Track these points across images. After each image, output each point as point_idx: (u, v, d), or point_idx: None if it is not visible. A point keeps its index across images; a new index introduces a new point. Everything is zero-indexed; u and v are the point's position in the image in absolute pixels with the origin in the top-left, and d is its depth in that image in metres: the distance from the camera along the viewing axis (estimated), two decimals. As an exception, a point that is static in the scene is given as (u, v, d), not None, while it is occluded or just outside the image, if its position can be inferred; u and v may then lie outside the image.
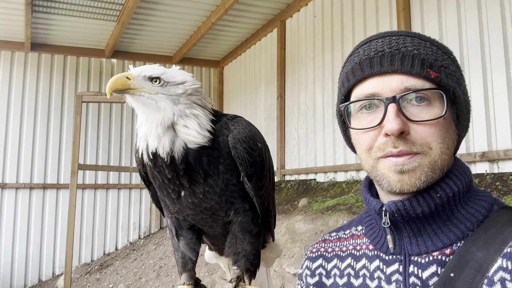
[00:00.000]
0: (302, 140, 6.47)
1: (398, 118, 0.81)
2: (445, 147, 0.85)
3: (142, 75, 1.26)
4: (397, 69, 0.84)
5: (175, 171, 1.25)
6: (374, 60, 0.86)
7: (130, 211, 8.33)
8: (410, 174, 0.83)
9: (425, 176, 0.83)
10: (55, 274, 7.60)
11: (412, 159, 0.82)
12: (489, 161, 3.88)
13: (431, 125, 0.83)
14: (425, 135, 0.82)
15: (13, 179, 7.58)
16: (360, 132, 0.89)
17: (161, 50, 8.60)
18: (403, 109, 0.82)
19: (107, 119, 8.36)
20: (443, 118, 0.83)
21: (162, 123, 1.24)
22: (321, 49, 6.19)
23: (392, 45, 0.87)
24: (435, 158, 0.83)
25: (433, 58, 0.86)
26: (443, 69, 0.86)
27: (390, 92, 0.84)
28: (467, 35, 4.13)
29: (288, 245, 4.37)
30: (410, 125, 0.82)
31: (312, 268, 1.05)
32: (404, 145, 0.82)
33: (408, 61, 0.84)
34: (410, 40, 0.88)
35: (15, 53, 7.88)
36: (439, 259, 0.84)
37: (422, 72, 0.83)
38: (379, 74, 0.85)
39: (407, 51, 0.85)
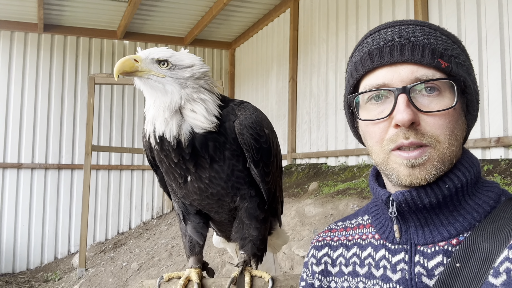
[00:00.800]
0: (314, 123, 6.42)
1: (409, 108, 0.80)
2: (453, 139, 0.83)
3: (150, 58, 1.25)
4: (407, 59, 0.82)
5: (181, 155, 1.25)
6: (383, 49, 0.84)
7: (143, 192, 8.45)
8: (421, 168, 0.82)
9: (435, 170, 0.83)
10: (71, 252, 7.82)
11: (422, 153, 0.82)
12: (504, 146, 3.80)
13: (440, 116, 0.81)
14: (435, 127, 0.81)
15: (28, 159, 7.74)
16: (370, 124, 0.87)
17: (173, 31, 8.55)
18: (413, 100, 0.81)
19: (120, 101, 8.41)
20: (453, 109, 0.82)
21: (170, 107, 1.23)
22: (334, 30, 6.07)
23: (402, 35, 0.85)
24: (444, 151, 0.82)
25: (443, 48, 0.84)
26: (454, 58, 0.84)
27: (400, 82, 0.82)
28: (486, 16, 4.00)
29: (297, 228, 4.39)
30: (420, 116, 0.81)
31: (318, 257, 1.06)
32: (414, 136, 0.81)
33: (418, 50, 0.82)
34: (420, 30, 0.86)
35: (29, 34, 7.92)
36: (445, 249, 0.84)
37: (433, 62, 0.81)
38: (389, 64, 0.84)
39: (417, 40, 0.83)
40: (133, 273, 5.52)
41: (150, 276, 5.10)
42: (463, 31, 4.20)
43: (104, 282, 5.54)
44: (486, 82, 3.93)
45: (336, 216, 4.30)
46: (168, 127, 1.23)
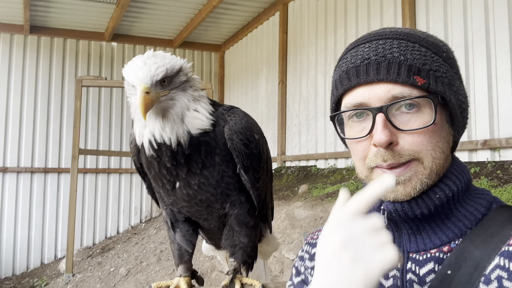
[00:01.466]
0: (303, 126, 6.43)
1: (386, 129, 0.80)
2: (438, 152, 0.83)
3: (154, 83, 1.20)
4: (383, 77, 0.81)
5: (175, 159, 1.24)
6: (360, 68, 0.84)
7: (132, 195, 8.37)
8: (406, 184, 0.82)
9: (420, 184, 0.82)
10: (57, 257, 7.69)
11: (407, 169, 0.82)
12: (490, 149, 3.85)
13: (419, 134, 0.81)
14: (414, 144, 0.81)
15: (14, 163, 7.60)
16: (352, 142, 0.88)
17: (162, 33, 8.49)
18: (392, 118, 0.81)
19: (108, 104, 8.32)
20: (433, 125, 0.81)
21: (177, 115, 1.22)
22: (323, 34, 6.10)
23: (378, 52, 0.84)
24: (428, 165, 0.82)
25: (421, 63, 0.83)
26: (432, 72, 0.83)
27: (378, 101, 0.82)
28: (472, 20, 4.05)
29: (287, 231, 4.39)
30: (399, 134, 0.81)
31: (311, 253, 1.05)
32: (392, 158, 0.81)
33: (394, 68, 0.81)
34: (397, 44, 0.84)
35: (14, 36, 7.80)
36: (436, 256, 0.84)
37: (409, 80, 0.80)
38: (365, 83, 0.83)
39: (393, 57, 0.82)
40: (121, 278, 5.45)
41: (139, 281, 5.04)
42: (450, 35, 4.25)
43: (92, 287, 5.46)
44: (473, 85, 3.98)
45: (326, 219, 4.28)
46: (174, 133, 1.22)
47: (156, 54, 1.26)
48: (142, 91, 1.16)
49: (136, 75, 1.18)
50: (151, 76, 1.18)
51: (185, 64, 1.28)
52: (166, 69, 1.20)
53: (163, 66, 1.20)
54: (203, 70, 9.28)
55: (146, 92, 1.16)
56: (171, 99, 1.22)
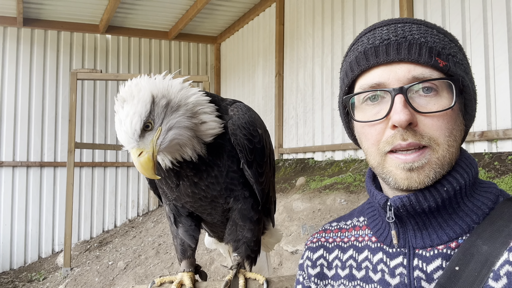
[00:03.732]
0: (300, 118, 6.42)
1: (406, 109, 0.77)
2: (453, 140, 0.82)
3: (138, 139, 1.09)
4: (404, 57, 0.80)
5: (196, 168, 1.22)
6: (379, 48, 0.82)
7: (128, 189, 8.35)
8: (419, 172, 0.80)
9: (434, 173, 0.81)
10: (55, 251, 7.68)
11: (421, 155, 0.79)
12: (488, 140, 3.86)
13: (439, 117, 0.79)
14: (433, 128, 0.79)
15: (9, 157, 7.54)
16: (366, 125, 0.85)
17: (157, 25, 8.41)
18: (410, 100, 0.79)
19: (103, 97, 8.26)
20: (451, 110, 0.80)
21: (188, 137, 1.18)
22: (320, 25, 6.06)
23: (398, 33, 0.82)
24: (443, 153, 0.80)
25: (441, 46, 0.82)
26: (451, 57, 0.82)
27: (397, 82, 0.80)
28: (470, 11, 4.04)
29: (285, 223, 4.40)
30: (417, 117, 0.79)
31: (313, 259, 1.04)
32: (413, 137, 0.78)
33: (415, 49, 0.80)
34: (417, 28, 0.83)
35: (7, 28, 7.69)
36: (444, 253, 0.83)
37: (430, 60, 0.79)
38: (385, 63, 0.81)
39: (414, 39, 0.81)
40: (119, 272, 5.45)
41: (137, 274, 5.05)
42: (448, 25, 4.24)
43: (90, 281, 5.46)
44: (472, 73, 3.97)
45: (324, 211, 4.31)
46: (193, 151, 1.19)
47: (126, 96, 1.11)
48: (135, 157, 1.08)
49: (121, 141, 1.10)
50: (132, 136, 1.09)
51: (156, 88, 1.14)
52: (140, 116, 1.08)
53: (135, 113, 1.08)
54: (199, 62, 9.22)
55: (139, 154, 1.08)
56: (168, 131, 1.14)
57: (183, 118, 1.16)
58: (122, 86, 1.15)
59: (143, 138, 1.09)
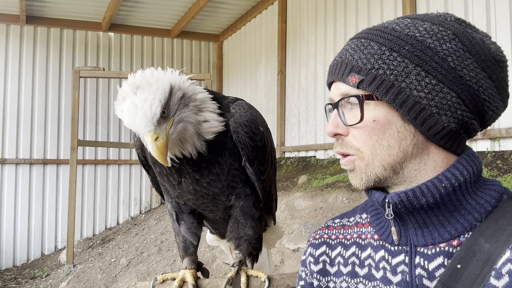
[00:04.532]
0: (303, 117, 6.42)
1: (334, 122, 0.91)
2: (381, 148, 0.86)
3: (155, 121, 1.09)
4: (334, 78, 0.92)
5: (196, 165, 1.23)
6: (330, 68, 0.95)
7: (131, 186, 8.36)
8: (353, 174, 0.92)
9: (366, 176, 0.89)
10: (58, 248, 7.71)
11: (348, 161, 0.91)
12: (490, 139, 3.85)
13: (360, 129, 0.88)
14: (356, 138, 0.89)
15: (12, 154, 7.57)
16: None
17: (159, 23, 8.41)
18: (345, 113, 0.89)
19: (106, 94, 8.27)
20: (372, 121, 0.86)
21: (191, 134, 1.19)
22: (323, 23, 6.05)
23: (341, 53, 0.93)
24: (370, 160, 0.88)
25: (364, 62, 0.86)
26: (374, 71, 0.84)
27: (336, 98, 0.92)
28: (473, 9, 4.02)
29: (287, 221, 4.41)
30: (350, 128, 0.90)
31: (315, 255, 1.04)
32: (340, 146, 0.92)
33: (339, 69, 0.90)
34: (355, 44, 0.90)
35: (10, 26, 7.71)
36: (446, 251, 0.83)
37: (344, 79, 0.89)
38: (331, 81, 0.95)
39: (343, 59, 0.91)
40: (122, 269, 5.48)
41: (140, 272, 5.07)
42: (451, 24, 4.22)
43: (93, 278, 5.48)
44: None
45: (326, 209, 4.32)
46: (193, 148, 1.19)
47: (140, 83, 1.11)
48: (151, 141, 1.07)
49: (136, 124, 1.08)
50: (151, 120, 1.08)
51: (173, 79, 1.16)
52: (160, 101, 1.09)
53: (155, 99, 1.08)
54: (201, 61, 9.22)
55: (156, 138, 1.07)
56: (178, 123, 1.15)
57: (191, 114, 1.19)
58: (132, 76, 1.15)
59: (159, 125, 1.10)
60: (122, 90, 1.13)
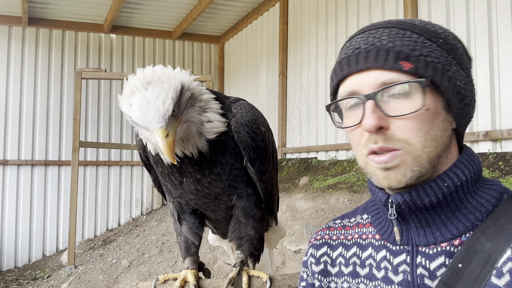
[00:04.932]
0: (304, 118, 6.42)
1: (375, 114, 0.81)
2: (430, 140, 0.82)
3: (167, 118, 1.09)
4: (371, 65, 0.83)
5: (197, 164, 1.22)
6: (351, 58, 0.87)
7: (132, 187, 8.37)
8: (395, 171, 0.83)
9: (411, 172, 0.82)
10: (59, 249, 7.72)
11: (393, 156, 0.82)
12: (492, 140, 3.85)
13: (411, 119, 0.81)
14: (404, 130, 0.81)
15: (14, 155, 7.59)
16: (348, 130, 0.89)
17: (161, 25, 8.43)
18: (383, 104, 0.82)
19: (107, 96, 8.29)
20: (424, 110, 0.81)
21: (194, 134, 1.19)
22: (324, 24, 6.06)
23: (368, 41, 0.86)
24: (418, 153, 0.82)
25: (410, 49, 0.83)
26: (423, 57, 0.83)
27: (368, 88, 0.83)
28: (475, 11, 4.02)
29: (289, 223, 4.40)
30: (390, 120, 0.82)
31: (317, 256, 1.04)
32: (383, 141, 0.82)
33: (381, 55, 0.83)
34: (388, 32, 0.86)
35: (13, 28, 7.73)
36: (447, 250, 0.83)
37: (395, 65, 0.82)
38: (356, 71, 0.86)
39: (382, 45, 0.84)
40: (123, 270, 5.48)
41: (141, 273, 5.07)
42: (452, 25, 4.23)
43: (94, 279, 5.49)
44: (474, 76, 3.93)
45: (327, 211, 4.32)
46: (194, 147, 1.19)
47: (151, 79, 1.10)
48: (163, 137, 1.06)
49: (147, 119, 1.07)
50: (163, 116, 1.07)
51: (184, 79, 1.16)
52: (172, 98, 1.09)
53: (168, 96, 1.08)
54: (202, 62, 9.23)
55: (167, 134, 1.07)
56: (184, 122, 1.15)
57: (195, 114, 1.19)
58: (141, 71, 1.14)
59: (169, 122, 1.09)
60: (130, 84, 1.12)
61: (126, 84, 1.13)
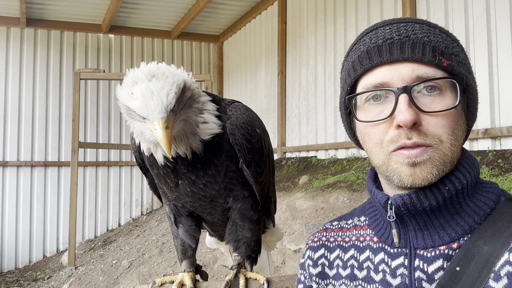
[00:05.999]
0: (303, 117, 6.41)
1: (411, 108, 0.77)
2: (455, 139, 0.81)
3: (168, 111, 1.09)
4: (408, 57, 0.79)
5: (191, 165, 1.21)
6: (382, 48, 0.81)
7: (132, 188, 8.37)
8: (422, 168, 0.79)
9: (437, 170, 0.80)
10: (59, 250, 7.72)
11: (424, 151, 0.79)
12: (491, 138, 3.84)
13: (442, 116, 0.79)
14: (437, 127, 0.79)
15: (14, 157, 7.59)
16: (369, 125, 0.84)
17: (159, 24, 8.42)
18: (414, 99, 0.78)
19: (106, 96, 8.28)
20: (454, 109, 0.80)
21: (189, 133, 1.18)
22: (323, 23, 6.04)
23: (401, 32, 0.82)
24: (446, 151, 0.80)
25: (444, 45, 0.82)
26: (454, 56, 0.82)
27: (401, 81, 0.79)
28: (473, 8, 4.01)
29: (288, 222, 4.40)
30: (421, 116, 0.79)
31: (314, 258, 1.04)
32: (417, 137, 0.78)
33: (419, 48, 0.79)
34: (419, 27, 0.83)
35: (11, 29, 7.72)
36: (445, 253, 0.82)
37: (434, 59, 0.79)
38: (388, 62, 0.81)
39: (417, 38, 0.80)
40: (123, 270, 5.48)
41: (141, 273, 5.06)
42: (451, 23, 4.21)
43: (95, 280, 5.49)
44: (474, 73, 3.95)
45: (327, 210, 4.31)
46: (188, 147, 1.18)
47: (155, 73, 1.11)
48: (163, 127, 1.06)
49: (149, 108, 1.07)
50: (165, 107, 1.07)
51: (187, 79, 1.18)
52: (175, 93, 1.10)
53: (171, 90, 1.09)
54: (201, 61, 9.22)
55: (166, 127, 1.07)
56: (180, 121, 1.16)
57: (192, 114, 1.18)
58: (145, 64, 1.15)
59: (169, 116, 1.09)
60: (133, 75, 1.12)
61: (127, 75, 1.14)
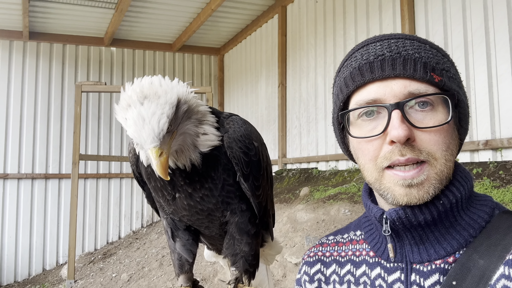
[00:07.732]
0: (304, 128, 6.42)
1: (404, 124, 0.77)
2: (449, 154, 0.82)
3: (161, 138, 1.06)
4: (399, 73, 0.80)
5: (188, 178, 1.21)
6: (374, 64, 0.82)
7: (133, 200, 8.35)
8: (419, 188, 0.79)
9: (433, 189, 0.80)
10: (59, 263, 7.67)
11: (420, 171, 0.79)
12: (492, 149, 3.83)
13: (435, 132, 0.79)
14: (431, 143, 0.79)
15: (15, 169, 7.60)
16: (362, 141, 0.84)
17: (161, 37, 8.50)
18: (407, 115, 0.79)
19: (108, 109, 8.32)
20: (447, 124, 0.80)
21: (189, 146, 1.18)
22: (322, 36, 6.09)
23: (392, 49, 0.82)
24: (441, 168, 0.80)
25: (435, 61, 0.82)
26: (445, 72, 0.83)
27: (393, 97, 0.80)
28: (472, 20, 4.04)
29: (289, 234, 4.36)
30: (414, 132, 0.79)
31: (310, 274, 1.03)
32: (411, 153, 0.78)
33: (410, 64, 0.80)
34: (410, 43, 0.84)
35: (14, 42, 7.81)
36: (441, 268, 0.82)
37: (426, 76, 0.79)
38: (380, 79, 0.81)
39: (408, 54, 0.81)
40: (123, 284, 5.43)
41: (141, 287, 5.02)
42: (449, 35, 4.24)
43: (94, 293, 5.44)
44: (473, 85, 3.97)
45: (328, 222, 4.28)
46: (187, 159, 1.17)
47: (147, 93, 1.08)
48: (156, 157, 1.04)
49: (141, 138, 1.05)
50: (157, 135, 1.05)
51: (181, 92, 1.14)
52: (168, 117, 1.06)
53: (163, 114, 1.05)
54: (202, 74, 9.28)
55: (161, 153, 1.05)
56: (179, 135, 1.14)
57: (192, 126, 1.17)
58: (139, 82, 1.12)
59: (163, 139, 1.07)
60: (126, 96, 1.10)
61: (122, 94, 1.12)
